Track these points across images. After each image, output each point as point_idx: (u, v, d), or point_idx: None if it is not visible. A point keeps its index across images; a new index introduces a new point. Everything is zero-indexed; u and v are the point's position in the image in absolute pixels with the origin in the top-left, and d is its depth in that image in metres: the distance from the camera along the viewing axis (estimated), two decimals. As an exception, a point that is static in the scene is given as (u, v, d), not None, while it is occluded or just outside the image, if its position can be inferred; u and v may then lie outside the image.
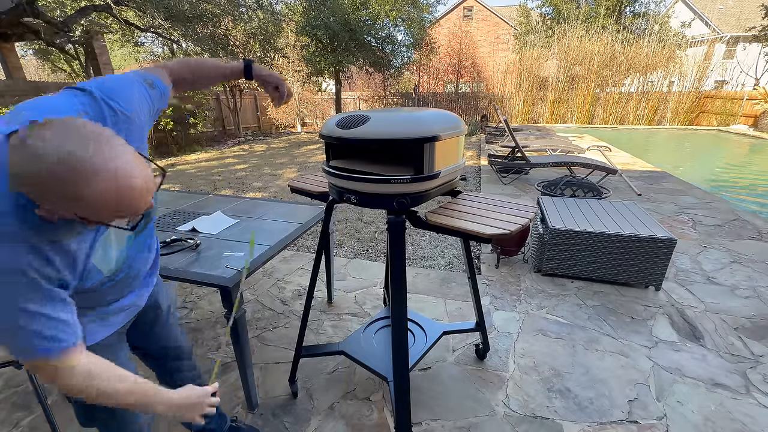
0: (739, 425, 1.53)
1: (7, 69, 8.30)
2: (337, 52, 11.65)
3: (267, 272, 2.86)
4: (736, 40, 20.06)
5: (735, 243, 3.27)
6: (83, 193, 0.52)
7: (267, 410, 1.63)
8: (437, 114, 1.22)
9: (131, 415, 1.00)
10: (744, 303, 2.38)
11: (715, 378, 1.78)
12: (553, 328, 2.15)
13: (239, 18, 9.17)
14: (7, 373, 1.85)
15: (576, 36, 14.43)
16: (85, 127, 0.54)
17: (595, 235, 2.49)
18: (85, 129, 0.54)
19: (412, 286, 2.62)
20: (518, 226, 1.15)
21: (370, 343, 1.71)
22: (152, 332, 1.14)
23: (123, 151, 0.57)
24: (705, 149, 10.05)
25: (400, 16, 12.37)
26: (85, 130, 0.54)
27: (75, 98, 0.70)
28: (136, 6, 7.25)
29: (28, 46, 12.06)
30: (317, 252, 1.55)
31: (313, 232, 3.59)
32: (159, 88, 0.89)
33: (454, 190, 1.43)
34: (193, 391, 0.84)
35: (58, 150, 0.50)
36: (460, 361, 1.91)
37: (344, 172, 1.22)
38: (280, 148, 9.75)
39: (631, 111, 14.19)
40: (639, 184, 5.21)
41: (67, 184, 0.51)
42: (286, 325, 2.23)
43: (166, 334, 1.19)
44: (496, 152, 6.96)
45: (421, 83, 17.44)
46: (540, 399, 1.67)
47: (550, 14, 21.58)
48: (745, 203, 4.96)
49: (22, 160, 0.51)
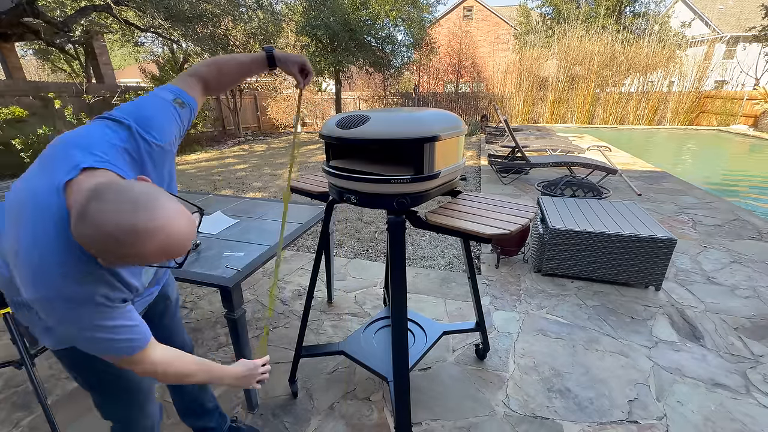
0: (739, 425, 1.53)
1: (7, 69, 8.30)
2: (337, 52, 11.64)
3: (267, 272, 2.86)
4: (736, 40, 20.06)
5: (735, 243, 3.27)
6: (139, 251, 0.60)
7: (267, 410, 1.63)
8: (437, 114, 1.22)
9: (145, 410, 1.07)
10: (744, 303, 2.38)
11: (715, 378, 1.78)
12: (553, 328, 2.15)
13: (239, 18, 9.17)
14: (7, 373, 1.85)
15: (576, 36, 14.43)
16: (134, 192, 0.61)
17: (595, 235, 2.49)
18: (134, 194, 0.61)
19: (412, 286, 2.62)
20: (518, 226, 1.15)
21: (370, 343, 1.71)
22: (161, 324, 1.16)
23: (169, 206, 0.63)
24: (705, 149, 10.05)
25: (400, 16, 12.36)
26: (134, 195, 0.60)
27: (115, 134, 0.76)
28: (136, 6, 7.25)
29: (28, 46, 12.06)
30: (317, 252, 1.55)
31: (313, 232, 3.59)
32: (189, 105, 0.92)
33: (454, 190, 1.43)
34: (246, 365, 1.00)
35: (115, 220, 0.58)
36: (460, 361, 1.91)
37: (344, 172, 1.22)
38: (280, 148, 9.75)
39: (631, 111, 14.18)
40: (639, 184, 5.21)
41: (125, 247, 0.59)
42: (286, 325, 2.23)
43: (173, 326, 1.23)
44: (496, 152, 6.96)
45: (421, 83, 17.44)
46: (540, 399, 1.67)
47: (550, 14, 21.59)
48: (751, 203, 4.96)
49: (84, 229, 0.59)
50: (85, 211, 0.59)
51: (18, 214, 0.69)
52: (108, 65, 9.28)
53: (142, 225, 0.59)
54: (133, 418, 1.06)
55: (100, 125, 0.77)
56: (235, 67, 1.05)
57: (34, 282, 0.67)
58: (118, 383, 0.99)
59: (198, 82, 0.97)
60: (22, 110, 5.97)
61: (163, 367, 0.83)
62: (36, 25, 6.93)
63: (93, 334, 0.71)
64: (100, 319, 0.71)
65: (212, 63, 1.00)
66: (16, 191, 0.73)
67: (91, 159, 0.69)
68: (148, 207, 0.60)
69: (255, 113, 13.82)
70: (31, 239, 0.66)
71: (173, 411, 1.41)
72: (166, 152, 0.84)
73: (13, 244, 0.68)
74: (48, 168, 0.70)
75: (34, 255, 0.66)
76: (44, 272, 0.66)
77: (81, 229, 0.59)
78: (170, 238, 0.62)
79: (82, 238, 0.60)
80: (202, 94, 0.98)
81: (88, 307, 0.70)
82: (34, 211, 0.67)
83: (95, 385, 0.99)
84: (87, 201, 0.59)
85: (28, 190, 0.70)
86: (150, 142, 0.79)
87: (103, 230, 0.58)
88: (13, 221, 0.70)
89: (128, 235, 0.59)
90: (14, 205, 0.71)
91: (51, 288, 0.66)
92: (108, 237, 0.58)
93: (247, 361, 1.01)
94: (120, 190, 0.61)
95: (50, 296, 0.67)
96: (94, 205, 0.59)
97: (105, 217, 0.58)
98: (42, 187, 0.68)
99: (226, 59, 1.03)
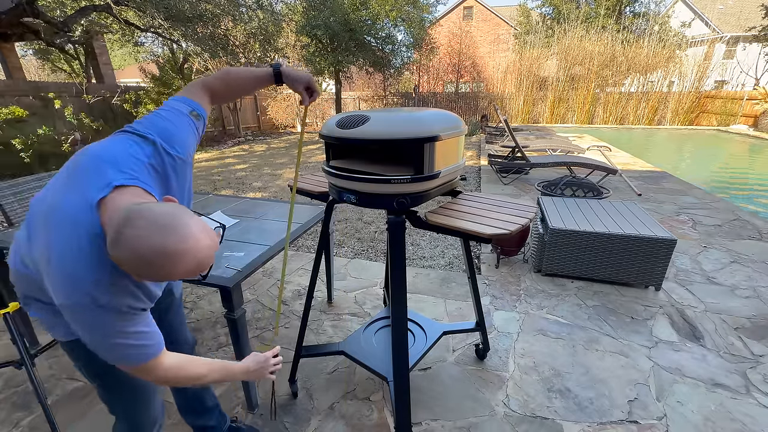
0: (739, 425, 1.53)
1: (7, 69, 8.30)
2: (337, 52, 11.63)
3: (267, 272, 2.86)
4: (736, 40, 20.06)
5: (735, 243, 3.27)
6: (170, 271, 0.67)
7: (267, 410, 1.63)
8: (437, 114, 1.22)
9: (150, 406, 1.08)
10: (744, 303, 2.38)
11: (715, 378, 1.78)
12: (553, 328, 2.15)
13: (239, 18, 9.16)
14: (7, 373, 1.85)
15: (576, 36, 14.42)
16: (160, 216, 0.66)
17: (595, 235, 2.49)
18: (163, 218, 0.66)
19: (412, 286, 2.62)
20: (518, 226, 1.15)
21: (370, 343, 1.71)
22: (165, 319, 1.17)
23: (195, 227, 0.69)
24: (705, 149, 10.05)
25: (400, 16, 12.35)
26: (161, 219, 0.66)
27: (141, 150, 0.81)
28: (136, 6, 7.24)
29: (28, 46, 12.06)
30: (317, 252, 1.55)
31: (313, 232, 3.59)
32: (202, 117, 0.96)
33: (454, 190, 1.43)
34: (257, 358, 1.02)
35: (147, 244, 0.64)
36: (460, 361, 1.91)
37: (344, 172, 1.22)
38: (280, 148, 9.75)
39: (631, 111, 14.18)
40: (639, 184, 5.21)
41: (157, 268, 0.65)
42: (286, 325, 2.23)
43: (177, 323, 1.24)
44: (496, 152, 6.96)
45: (421, 83, 17.43)
46: (540, 399, 1.67)
47: (550, 14, 21.59)
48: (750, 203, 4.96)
49: (120, 253, 0.65)
50: (120, 237, 0.64)
51: (48, 224, 0.74)
52: (108, 65, 9.28)
53: (172, 248, 0.65)
54: (138, 412, 1.07)
55: (125, 140, 0.81)
56: (242, 82, 1.08)
57: (66, 290, 0.72)
58: (125, 377, 0.99)
59: (206, 93, 1.00)
60: (22, 110, 5.97)
61: (174, 372, 0.86)
62: (36, 25, 6.93)
63: (115, 340, 0.76)
64: (123, 326, 0.76)
65: (220, 76, 1.03)
66: (44, 202, 0.77)
67: (122, 177, 0.74)
68: (177, 231, 0.66)
69: (255, 113, 13.82)
70: (64, 251, 0.71)
71: (174, 410, 1.41)
72: (187, 164, 0.89)
73: (44, 251, 0.73)
74: (79, 182, 0.75)
75: (68, 266, 0.71)
76: (77, 282, 0.71)
77: (117, 253, 0.65)
78: (197, 257, 0.68)
79: (117, 260, 0.66)
80: (209, 104, 1.01)
81: (114, 315, 0.74)
82: (67, 225, 0.72)
83: (102, 377, 1.00)
84: (121, 227, 0.65)
85: (59, 203, 0.74)
86: (174, 156, 0.85)
87: (137, 254, 0.64)
88: (41, 230, 0.75)
89: (160, 258, 0.64)
90: (43, 216, 0.75)
91: (82, 297, 0.72)
92: (142, 260, 0.64)
93: (258, 354, 1.04)
94: (150, 215, 0.66)
95: (81, 303, 0.72)
96: (128, 231, 0.64)
97: (138, 243, 0.64)
98: (75, 202, 0.73)
99: (233, 73, 1.06)
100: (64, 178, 0.78)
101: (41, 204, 0.78)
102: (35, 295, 0.87)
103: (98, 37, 8.81)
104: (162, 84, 7.92)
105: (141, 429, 1.08)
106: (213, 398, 1.41)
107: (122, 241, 0.64)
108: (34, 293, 0.87)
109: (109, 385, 1.01)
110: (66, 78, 11.31)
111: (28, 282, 0.85)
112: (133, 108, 7.71)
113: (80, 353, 0.96)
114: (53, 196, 0.76)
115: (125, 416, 1.07)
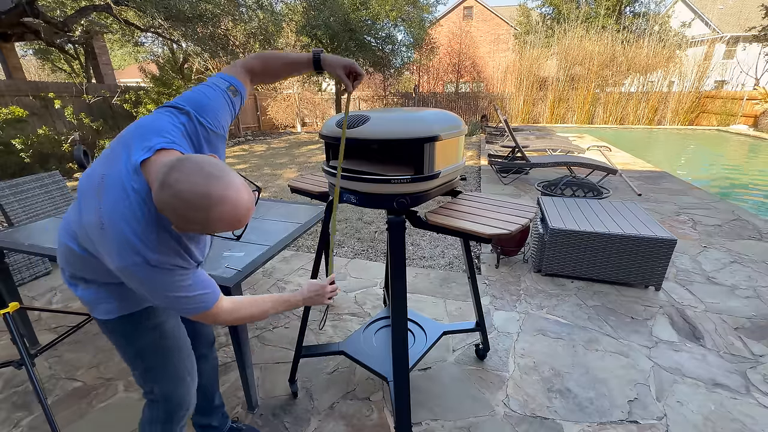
0: (739, 425, 1.53)
1: (7, 69, 8.30)
2: (337, 52, 11.64)
3: (267, 272, 2.86)
4: (736, 40, 20.06)
5: (735, 243, 3.27)
6: (210, 217, 0.69)
7: (267, 410, 1.63)
8: (437, 114, 1.22)
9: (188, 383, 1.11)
10: (744, 303, 2.38)
11: (715, 378, 1.78)
12: (553, 328, 2.15)
13: (239, 18, 9.16)
14: (7, 373, 1.85)
15: (576, 36, 14.42)
16: (206, 164, 0.69)
17: (595, 235, 2.49)
18: (207, 166, 0.69)
19: (412, 286, 2.62)
20: (518, 226, 1.15)
21: (370, 343, 1.71)
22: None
23: (236, 180, 0.72)
24: (705, 149, 10.05)
25: (400, 16, 12.36)
26: (207, 167, 0.69)
27: (177, 119, 0.85)
28: (136, 6, 7.24)
29: (28, 46, 12.06)
30: (317, 252, 1.55)
31: (313, 232, 3.59)
32: (240, 93, 0.99)
33: (454, 190, 1.43)
34: (314, 285, 1.09)
35: (191, 187, 0.67)
36: (460, 361, 1.91)
37: (344, 172, 1.22)
38: (280, 148, 9.75)
39: (631, 111, 14.18)
40: (639, 184, 5.21)
41: (198, 210, 0.68)
42: (286, 325, 2.23)
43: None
44: (496, 152, 6.96)
45: (421, 83, 17.43)
46: (540, 399, 1.67)
47: (550, 14, 21.58)
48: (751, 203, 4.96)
49: (163, 195, 0.68)
50: (166, 179, 0.67)
51: (99, 192, 0.78)
52: (108, 65, 9.28)
53: (215, 192, 0.68)
54: (178, 392, 1.08)
55: (164, 112, 0.85)
56: (281, 65, 1.09)
57: (120, 252, 0.76)
58: (166, 356, 1.04)
59: (246, 73, 1.03)
60: (22, 110, 5.97)
61: (238, 313, 0.94)
62: (36, 25, 6.92)
63: (175, 294, 0.82)
64: (178, 281, 0.82)
65: (258, 56, 1.05)
66: (93, 176, 0.81)
67: (163, 141, 0.78)
68: (221, 178, 0.69)
69: (255, 113, 13.81)
70: (114, 214, 0.75)
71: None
72: (219, 137, 0.92)
73: (95, 217, 0.77)
74: (125, 151, 0.79)
75: (118, 227, 0.75)
76: (128, 243, 0.76)
77: (161, 195, 0.68)
78: (235, 207, 0.70)
79: (161, 204, 0.69)
80: (249, 82, 1.03)
81: (166, 273, 0.80)
82: (116, 189, 0.76)
83: (143, 357, 1.02)
84: (168, 171, 0.68)
85: (108, 171, 0.79)
86: (207, 128, 0.88)
87: (180, 196, 0.66)
88: (92, 199, 0.79)
89: (202, 199, 0.67)
90: (94, 186, 0.79)
91: (134, 256, 0.76)
92: (184, 202, 0.67)
93: (314, 281, 1.10)
94: (196, 162, 0.69)
95: (135, 263, 0.76)
96: (174, 174, 0.67)
97: (182, 185, 0.66)
98: (122, 167, 0.77)
99: (273, 55, 1.08)
100: (109, 152, 0.82)
101: (90, 179, 0.82)
102: (82, 274, 0.92)
103: (98, 37, 8.80)
104: (162, 84, 7.91)
105: (179, 408, 1.09)
106: (220, 398, 1.42)
107: (167, 184, 0.67)
108: (81, 272, 0.92)
109: (150, 365, 1.03)
110: (66, 78, 11.31)
111: (76, 260, 0.90)
112: (133, 108, 7.70)
113: (120, 333, 1.00)
114: (101, 167, 0.81)
115: (164, 396, 1.07)
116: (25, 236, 1.75)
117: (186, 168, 0.68)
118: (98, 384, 1.79)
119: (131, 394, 1.73)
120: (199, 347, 1.25)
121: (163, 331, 1.02)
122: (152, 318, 1.01)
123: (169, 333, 1.04)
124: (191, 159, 0.70)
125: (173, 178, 0.67)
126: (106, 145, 6.97)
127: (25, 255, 2.62)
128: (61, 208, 2.73)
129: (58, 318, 2.32)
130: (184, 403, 1.10)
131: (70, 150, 6.40)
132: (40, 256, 2.29)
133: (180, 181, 0.67)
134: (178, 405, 1.08)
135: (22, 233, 1.79)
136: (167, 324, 1.04)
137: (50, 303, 2.49)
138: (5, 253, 1.87)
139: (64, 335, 1.79)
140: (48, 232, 1.81)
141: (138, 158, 0.76)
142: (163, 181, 0.68)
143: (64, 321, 2.29)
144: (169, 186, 0.67)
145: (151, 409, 1.09)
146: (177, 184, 0.66)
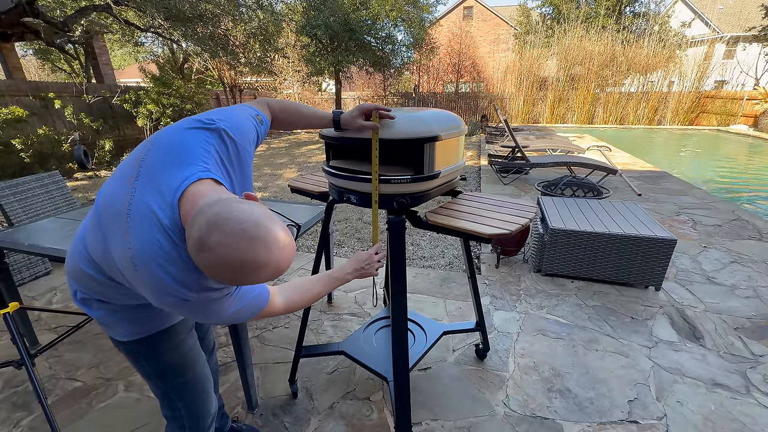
0: (739, 425, 1.53)
1: (7, 69, 8.30)
2: (337, 52, 11.63)
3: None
4: (736, 40, 20.06)
5: (735, 243, 3.27)
6: (253, 279, 0.67)
7: (267, 410, 1.63)
8: (437, 114, 1.22)
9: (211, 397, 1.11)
10: (744, 303, 2.38)
11: (715, 378, 1.78)
12: (553, 328, 2.15)
13: (239, 18, 9.16)
14: (7, 373, 1.85)
15: (576, 36, 14.42)
16: (248, 223, 0.63)
17: (595, 235, 2.49)
18: (249, 226, 0.63)
19: (412, 286, 2.62)
20: (518, 226, 1.15)
21: (370, 343, 1.71)
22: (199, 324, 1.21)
23: (276, 233, 0.66)
24: (705, 149, 10.05)
25: (400, 16, 12.36)
26: (250, 229, 0.63)
27: (206, 140, 0.80)
28: (136, 6, 7.24)
29: (28, 46, 12.06)
30: (317, 252, 1.55)
31: (313, 232, 3.59)
32: (265, 124, 0.99)
33: (454, 190, 1.43)
34: (360, 257, 1.12)
35: (234, 253, 0.61)
36: (460, 361, 1.91)
37: (344, 172, 1.22)
38: (280, 148, 9.75)
39: (631, 111, 14.18)
40: (639, 184, 5.21)
41: (242, 274, 0.64)
42: (286, 325, 2.23)
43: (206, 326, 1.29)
44: (496, 152, 6.96)
45: (421, 83, 17.43)
46: (540, 399, 1.67)
47: (550, 14, 21.57)
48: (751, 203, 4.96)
49: (206, 260, 0.63)
50: (205, 241, 0.62)
51: (125, 226, 0.72)
52: (108, 65, 9.28)
53: (261, 258, 0.64)
54: (203, 405, 1.08)
55: (193, 131, 0.80)
56: (299, 119, 1.13)
57: (157, 293, 0.73)
58: (186, 370, 1.03)
59: (269, 109, 1.05)
60: (22, 110, 5.96)
61: (292, 303, 0.95)
62: (36, 25, 6.92)
63: (227, 313, 0.81)
64: (224, 302, 0.80)
65: (282, 105, 1.08)
66: (114, 201, 0.75)
67: (197, 170, 0.74)
68: (264, 239, 0.64)
69: (255, 113, 13.78)
70: (147, 256, 0.70)
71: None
72: (249, 154, 0.90)
73: (127, 258, 0.72)
74: (155, 179, 0.73)
75: (155, 271, 0.71)
76: (167, 286, 0.72)
77: (200, 257, 0.63)
78: (279, 267, 0.68)
79: (199, 264, 0.65)
80: (270, 118, 1.04)
81: (208, 303, 0.78)
82: (145, 227, 0.71)
83: (165, 377, 1.01)
84: (208, 229, 0.62)
85: (137, 204, 0.72)
86: (237, 143, 0.85)
87: (224, 263, 0.62)
88: (119, 234, 0.73)
89: (246, 266, 0.63)
90: (117, 215, 0.74)
91: (170, 298, 0.74)
92: (229, 269, 0.63)
93: (361, 252, 1.13)
94: (238, 221, 0.63)
95: (173, 304, 0.75)
96: (214, 236, 0.61)
97: (225, 250, 0.61)
98: (152, 201, 0.71)
99: (294, 109, 1.11)
100: (131, 173, 0.76)
101: (111, 206, 0.76)
102: (98, 297, 0.88)
103: (98, 37, 8.80)
104: (162, 84, 7.91)
105: (205, 420, 1.09)
106: (220, 399, 1.42)
107: (207, 246, 0.62)
108: (97, 295, 0.88)
109: (174, 384, 1.02)
110: (66, 78, 11.31)
111: (92, 283, 0.85)
112: (133, 108, 7.69)
113: (141, 355, 0.97)
114: (124, 193, 0.74)
115: (188, 411, 1.06)
116: (25, 236, 1.75)
117: (227, 230, 0.62)
118: (98, 384, 1.79)
119: (131, 394, 1.73)
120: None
121: (183, 349, 1.01)
122: (173, 337, 0.99)
123: (188, 348, 1.03)
124: (232, 216, 0.63)
125: (214, 240, 0.61)
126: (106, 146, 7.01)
127: (25, 255, 2.62)
128: (61, 208, 2.73)
129: (58, 318, 2.32)
130: (210, 415, 1.11)
131: (70, 150, 6.40)
132: (40, 256, 2.28)
133: (223, 245, 0.61)
134: (204, 417, 1.09)
135: (22, 233, 1.79)
136: (188, 341, 1.03)
137: (50, 303, 2.50)
138: (5, 253, 1.87)
139: (64, 335, 1.79)
140: (48, 232, 1.81)
141: (173, 197, 0.71)
142: (202, 242, 0.62)
143: (64, 321, 2.29)
144: (210, 249, 0.61)
145: (173, 427, 1.09)
146: (219, 248, 0.61)
